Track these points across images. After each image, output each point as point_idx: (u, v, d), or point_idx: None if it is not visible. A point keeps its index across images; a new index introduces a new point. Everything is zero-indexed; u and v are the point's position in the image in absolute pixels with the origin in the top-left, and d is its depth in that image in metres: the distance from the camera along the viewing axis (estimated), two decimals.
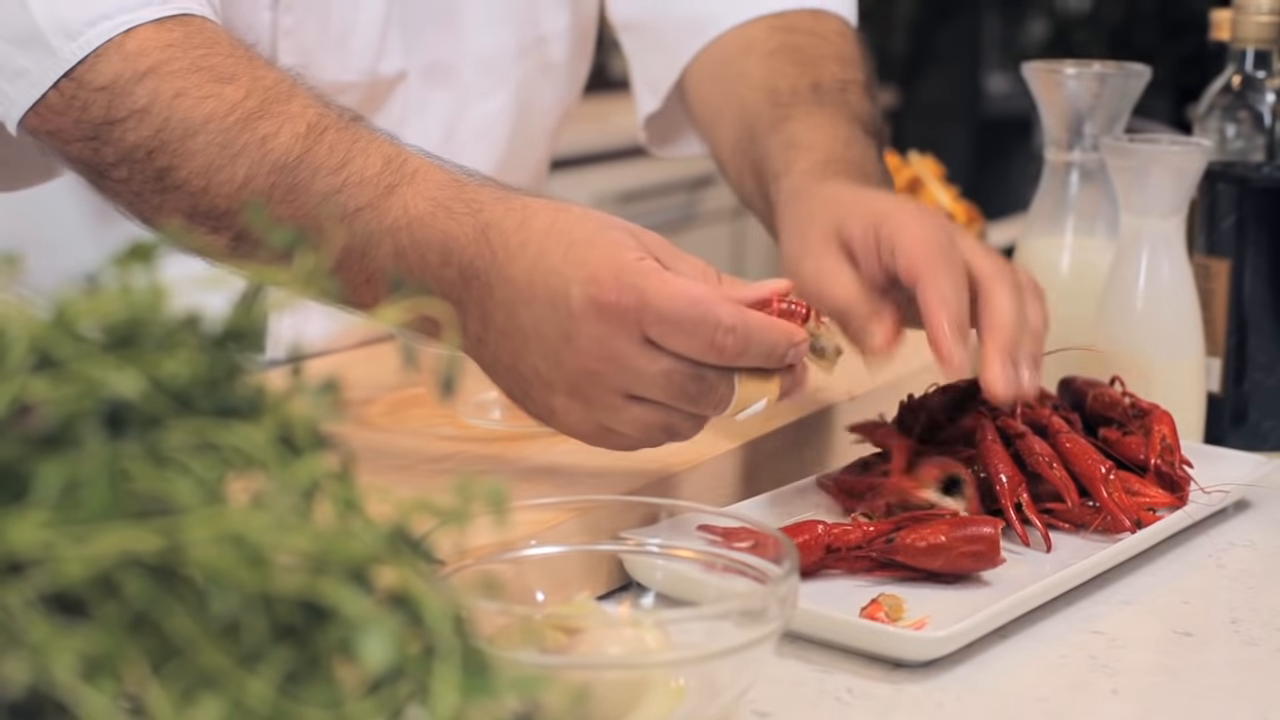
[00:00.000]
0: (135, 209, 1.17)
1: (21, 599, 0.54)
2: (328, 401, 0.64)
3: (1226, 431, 1.42)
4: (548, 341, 1.06)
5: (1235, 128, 1.53)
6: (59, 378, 0.58)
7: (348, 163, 1.11)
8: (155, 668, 0.56)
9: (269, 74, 1.16)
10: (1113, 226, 1.45)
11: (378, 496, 0.63)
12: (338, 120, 1.14)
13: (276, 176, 1.11)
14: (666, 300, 1.03)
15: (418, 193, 1.10)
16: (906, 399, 1.30)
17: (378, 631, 0.57)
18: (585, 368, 1.06)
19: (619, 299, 1.03)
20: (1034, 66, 1.48)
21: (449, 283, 1.09)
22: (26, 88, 1.16)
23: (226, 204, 1.13)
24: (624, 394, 1.07)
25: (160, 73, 1.13)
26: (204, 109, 1.13)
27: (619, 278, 1.03)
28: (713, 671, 0.89)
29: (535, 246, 1.06)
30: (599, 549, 1.06)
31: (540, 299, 1.06)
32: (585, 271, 1.04)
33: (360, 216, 1.10)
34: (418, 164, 1.12)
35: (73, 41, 1.14)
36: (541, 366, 1.08)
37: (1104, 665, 1.03)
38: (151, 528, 0.55)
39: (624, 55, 1.65)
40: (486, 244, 1.08)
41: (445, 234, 1.09)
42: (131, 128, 1.13)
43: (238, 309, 0.64)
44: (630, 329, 1.04)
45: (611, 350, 1.05)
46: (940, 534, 1.08)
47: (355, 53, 1.48)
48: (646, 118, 1.63)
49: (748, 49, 1.49)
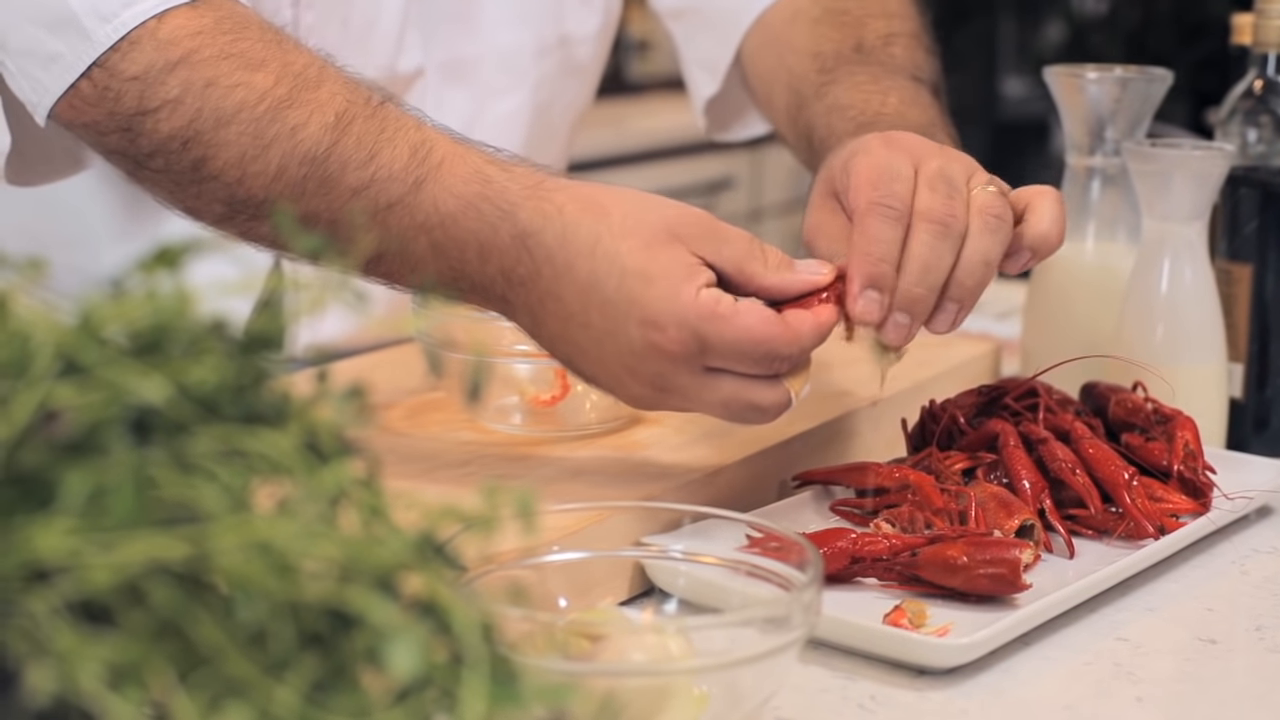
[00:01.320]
0: (176, 198, 1.17)
1: (48, 607, 0.54)
2: (353, 407, 0.63)
3: (1249, 437, 1.41)
4: (607, 365, 1.08)
5: (1257, 132, 1.53)
6: (85, 384, 0.58)
7: (375, 155, 1.11)
8: (181, 676, 0.55)
9: (299, 58, 1.15)
10: (1134, 231, 1.44)
11: (404, 503, 0.63)
12: (365, 107, 1.13)
13: (309, 168, 1.11)
14: (729, 344, 1.05)
15: (445, 189, 1.09)
16: (928, 404, 1.29)
17: (405, 640, 0.57)
18: (646, 392, 1.09)
19: (682, 347, 1.05)
20: (1055, 71, 1.48)
21: (491, 279, 1.09)
22: (60, 73, 1.16)
23: (264, 194, 1.12)
24: (682, 408, 1.10)
25: (191, 62, 1.13)
26: (235, 98, 1.12)
27: (680, 324, 1.04)
28: (736, 679, 0.88)
29: (585, 271, 1.06)
30: (622, 555, 1.06)
31: (596, 327, 1.07)
32: (643, 313, 1.05)
33: (393, 213, 1.10)
34: (444, 152, 1.11)
35: (107, 24, 1.14)
36: (602, 376, 1.10)
37: (1129, 672, 1.03)
38: (178, 535, 0.55)
39: (674, 44, 1.65)
40: (527, 253, 1.08)
41: (478, 236, 1.08)
42: (165, 118, 1.13)
43: (261, 314, 0.64)
44: (691, 367, 1.06)
45: (672, 383, 1.07)
46: (961, 554, 1.07)
47: (375, 49, 1.48)
48: (706, 102, 1.63)
49: (794, 17, 1.49)
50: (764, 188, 4.15)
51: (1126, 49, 4.46)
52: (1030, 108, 4.68)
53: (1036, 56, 4.83)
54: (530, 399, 1.27)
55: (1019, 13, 5.05)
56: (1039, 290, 1.50)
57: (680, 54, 1.65)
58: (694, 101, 1.65)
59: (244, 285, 0.65)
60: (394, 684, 0.58)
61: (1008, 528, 1.13)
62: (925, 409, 1.29)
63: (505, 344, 1.24)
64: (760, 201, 4.15)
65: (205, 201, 1.15)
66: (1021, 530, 1.13)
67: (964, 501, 1.15)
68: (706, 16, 1.59)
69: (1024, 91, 4.91)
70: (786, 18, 1.50)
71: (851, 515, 1.20)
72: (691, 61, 1.63)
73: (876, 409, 1.34)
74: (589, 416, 1.27)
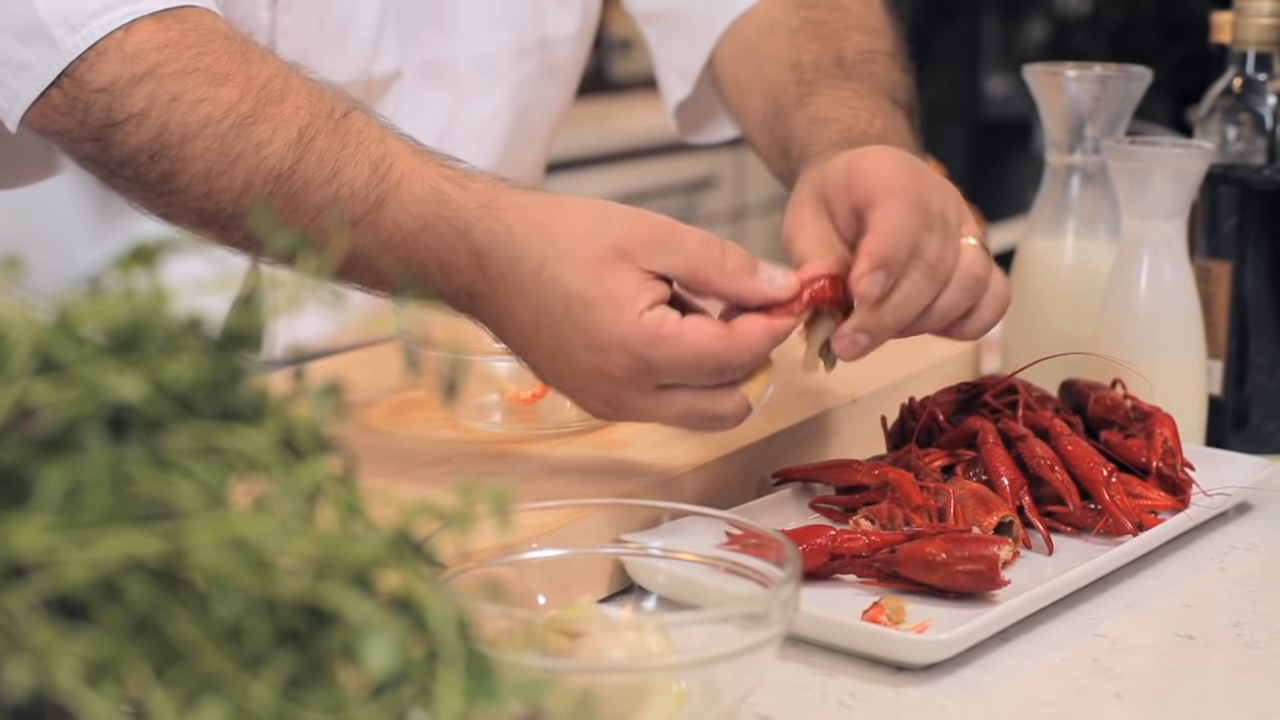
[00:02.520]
0: (149, 206, 1.18)
1: (24, 603, 0.54)
2: (330, 405, 0.63)
3: (1228, 434, 1.42)
4: (563, 379, 1.10)
5: (1236, 130, 1.53)
6: (61, 381, 0.58)
7: (338, 172, 1.11)
8: (158, 672, 0.55)
9: (264, 69, 1.15)
10: (1114, 229, 1.45)
11: (380, 500, 0.63)
12: (328, 121, 1.13)
13: (274, 185, 1.12)
14: (677, 363, 1.05)
15: (404, 209, 1.10)
16: (908, 401, 1.30)
17: (381, 636, 0.57)
18: (603, 409, 1.11)
19: (627, 371, 1.06)
20: (1035, 69, 1.48)
21: (455, 293, 1.11)
22: (30, 81, 1.16)
23: (231, 208, 1.13)
24: (647, 420, 1.11)
25: (156, 75, 1.13)
26: (199, 113, 1.13)
27: (624, 349, 1.05)
28: (715, 675, 0.89)
29: (533, 293, 1.07)
30: (601, 552, 1.06)
31: (548, 346, 1.08)
32: (587, 339, 1.06)
33: (358, 229, 1.11)
34: (403, 169, 1.11)
35: (75, 33, 1.14)
36: (565, 388, 1.11)
37: (1107, 668, 1.03)
38: (154, 532, 0.55)
39: (648, 46, 1.65)
40: (482, 272, 1.09)
41: (438, 255, 1.10)
42: (132, 131, 1.13)
43: (239, 312, 0.64)
44: (641, 387, 1.07)
45: (624, 403, 1.08)
46: (940, 550, 1.08)
47: (352, 52, 1.48)
48: (677, 105, 1.63)
49: (771, 28, 1.48)
50: (747, 187, 4.15)
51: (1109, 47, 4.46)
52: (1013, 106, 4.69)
53: (1019, 55, 4.83)
54: (510, 397, 1.27)
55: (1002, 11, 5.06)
56: (1019, 288, 1.50)
57: (653, 57, 1.65)
58: (666, 104, 1.65)
59: (220, 283, 0.65)
60: (370, 680, 0.58)
61: (986, 525, 1.13)
62: (905, 406, 1.30)
63: (484, 342, 1.24)
64: (743, 200, 4.16)
65: (177, 211, 1.16)
66: (1000, 527, 1.14)
67: (943, 498, 1.15)
68: (679, 21, 1.59)
69: (1006, 90, 4.91)
70: (762, 27, 1.49)
71: (831, 512, 1.20)
72: (664, 65, 1.63)
73: (856, 406, 1.34)
74: (569, 414, 1.27)
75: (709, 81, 1.59)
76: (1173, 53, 4.09)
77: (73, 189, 1.49)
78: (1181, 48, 4.14)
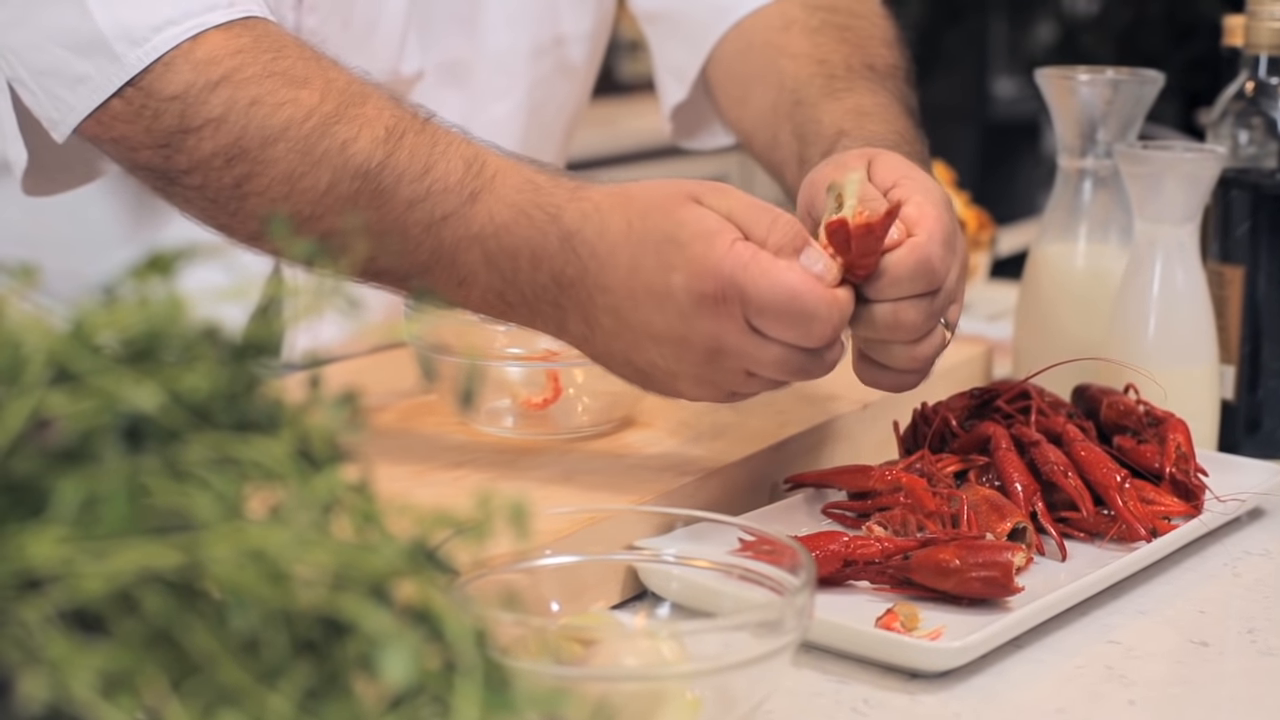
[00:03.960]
0: (209, 214, 1.18)
1: (40, 615, 0.54)
2: (346, 414, 0.63)
3: (1240, 439, 1.42)
4: (663, 340, 1.09)
5: (1248, 134, 1.53)
6: (77, 391, 0.58)
7: (430, 169, 1.12)
8: (175, 684, 0.55)
9: (340, 75, 1.16)
10: (1126, 233, 1.44)
11: (397, 509, 0.63)
12: (414, 122, 1.14)
13: (360, 183, 1.12)
14: (766, 294, 1.05)
15: (499, 199, 1.11)
16: (921, 407, 1.29)
17: (398, 647, 0.57)
18: (705, 359, 1.09)
19: (722, 292, 1.05)
20: (1046, 73, 1.48)
21: (543, 286, 1.11)
22: (87, 94, 1.16)
23: (310, 210, 1.13)
24: (745, 373, 1.09)
25: (233, 81, 1.13)
26: (281, 115, 1.13)
27: (717, 274, 1.05)
28: (729, 683, 0.88)
29: (625, 256, 1.08)
30: (614, 559, 1.06)
31: (646, 304, 1.08)
32: (684, 270, 1.06)
33: (448, 224, 1.11)
34: (496, 166, 1.13)
35: (138, 48, 1.14)
36: (661, 361, 1.10)
37: (1121, 675, 1.03)
38: (171, 543, 0.55)
39: (648, 47, 1.65)
40: (574, 253, 1.09)
41: (530, 243, 1.10)
42: (208, 136, 1.13)
43: (257, 320, 0.64)
44: (737, 320, 1.06)
45: (725, 343, 1.07)
46: (954, 557, 1.07)
47: (377, 53, 1.48)
48: (673, 108, 1.63)
49: (788, 25, 1.48)
50: (755, 187, 4.14)
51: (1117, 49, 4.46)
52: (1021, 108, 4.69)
53: (1027, 57, 4.84)
54: (522, 402, 1.27)
55: (1010, 13, 5.05)
56: (1030, 292, 1.50)
57: (652, 59, 1.65)
58: (662, 107, 1.65)
59: (237, 291, 0.65)
60: (387, 692, 0.58)
61: (1000, 530, 1.13)
62: (917, 411, 1.29)
63: (497, 347, 1.24)
64: None
65: (241, 219, 1.16)
66: (1014, 533, 1.13)
67: (956, 504, 1.15)
68: (678, 23, 1.58)
69: (1015, 92, 4.91)
70: (777, 26, 1.49)
71: (844, 518, 1.19)
72: (662, 67, 1.63)
73: (868, 411, 1.34)
74: (581, 419, 1.27)
75: (705, 87, 1.59)
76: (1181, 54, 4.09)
77: (95, 192, 1.49)
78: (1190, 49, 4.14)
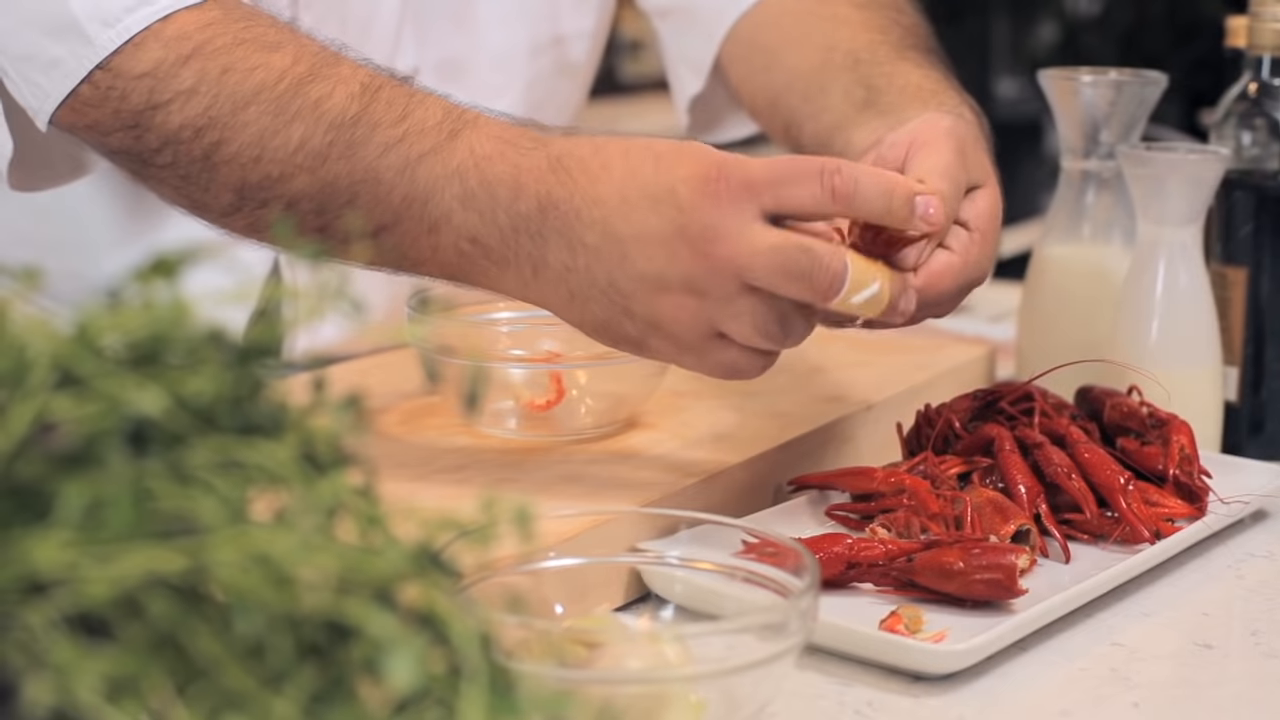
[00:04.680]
0: (182, 193, 1.17)
1: (45, 619, 0.54)
2: (350, 416, 0.63)
3: (1244, 441, 1.41)
4: (657, 242, 1.05)
5: (1251, 135, 1.52)
6: (82, 395, 0.57)
7: (408, 115, 1.11)
8: (180, 689, 0.55)
9: (313, 41, 1.15)
10: (1129, 235, 1.44)
11: (401, 513, 0.62)
12: (390, 79, 1.14)
13: (334, 134, 1.11)
14: (771, 169, 1.05)
15: (482, 134, 1.10)
16: (924, 408, 1.29)
17: (403, 651, 0.57)
18: (702, 254, 1.05)
19: (727, 182, 1.04)
20: (1049, 74, 1.48)
21: (523, 217, 1.08)
22: (61, 78, 1.15)
23: (280, 169, 1.11)
24: (741, 283, 1.05)
25: (204, 52, 1.13)
26: (254, 79, 1.12)
27: (721, 168, 1.05)
28: (733, 685, 0.88)
29: (620, 166, 1.07)
30: (617, 561, 1.06)
31: (640, 207, 1.06)
32: (685, 170, 1.05)
33: (424, 163, 1.09)
34: (478, 113, 1.12)
35: (110, 29, 1.14)
36: (651, 269, 1.06)
37: (1125, 678, 1.03)
38: (176, 548, 0.55)
39: (659, 42, 1.65)
40: (564, 171, 1.08)
41: (515, 168, 1.08)
42: (176, 110, 1.12)
43: (258, 323, 0.64)
44: (742, 206, 1.04)
45: (727, 230, 1.04)
46: (958, 559, 1.07)
47: (372, 49, 1.48)
48: (690, 101, 1.63)
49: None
50: None
51: (1119, 50, 4.45)
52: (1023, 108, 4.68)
53: (1029, 57, 4.83)
54: (525, 403, 1.27)
55: (1012, 13, 5.05)
56: (1033, 293, 1.49)
57: (665, 52, 1.65)
58: (677, 101, 1.65)
59: (241, 294, 0.65)
60: (392, 696, 0.58)
61: (1003, 533, 1.12)
62: (921, 413, 1.29)
63: (500, 348, 1.23)
64: None
65: (214, 192, 1.14)
66: (1017, 535, 1.13)
67: (960, 506, 1.15)
68: (692, 14, 1.58)
69: (1017, 92, 4.90)
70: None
71: (847, 520, 1.19)
72: (677, 60, 1.63)
73: (871, 413, 1.33)
74: (584, 421, 1.27)
75: (719, 68, 1.59)
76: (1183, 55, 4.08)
77: (96, 192, 1.49)
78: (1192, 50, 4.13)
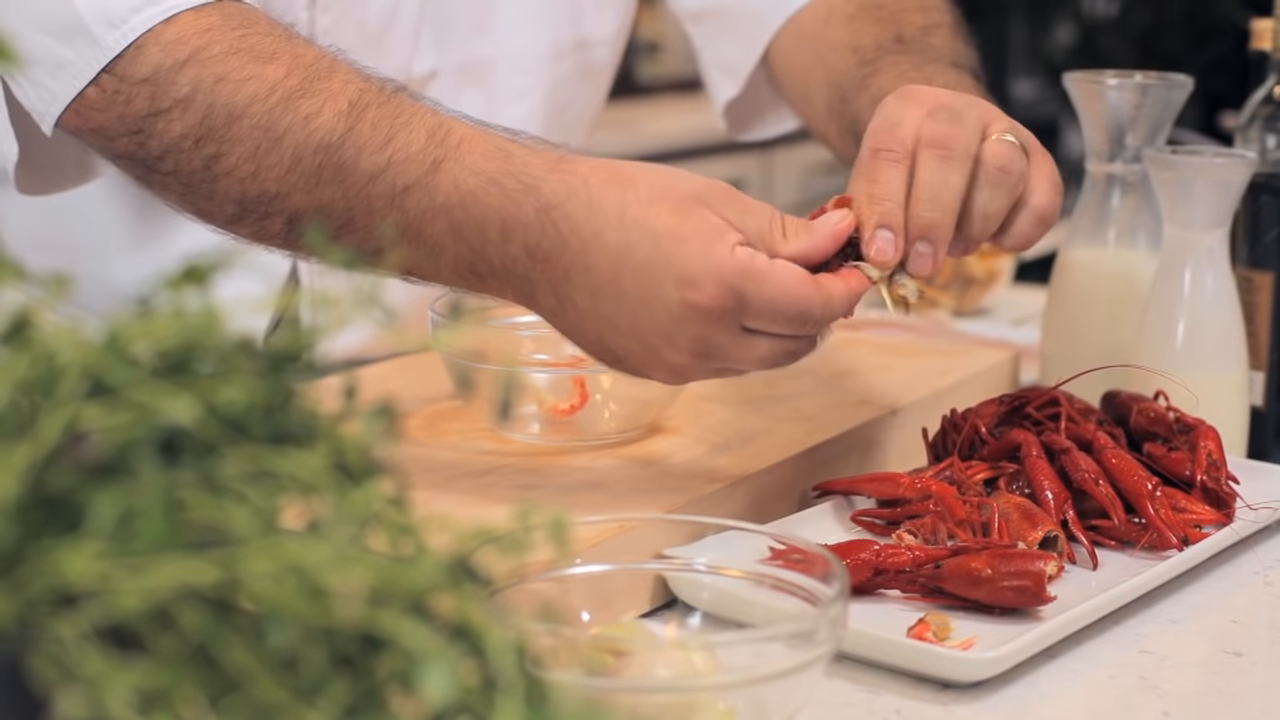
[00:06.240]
0: (186, 200, 1.16)
1: (77, 632, 0.53)
2: (382, 425, 0.63)
3: (1270, 446, 1.41)
4: (642, 336, 1.06)
5: (1276, 138, 1.52)
6: (113, 405, 0.57)
7: (391, 139, 1.09)
8: (212, 701, 0.55)
9: (309, 51, 1.14)
10: (1155, 239, 1.44)
11: (435, 524, 0.62)
12: (379, 95, 1.12)
13: (323, 156, 1.10)
14: (767, 302, 1.04)
15: (465, 167, 1.08)
16: (950, 413, 1.29)
17: (438, 663, 0.56)
18: (685, 360, 1.07)
19: (721, 304, 1.03)
20: (1074, 77, 1.47)
21: (513, 258, 1.07)
22: (68, 80, 1.15)
23: (276, 187, 1.11)
24: (721, 371, 1.09)
25: (200, 59, 1.12)
26: (246, 91, 1.11)
27: (719, 279, 1.03)
28: (762, 694, 0.88)
29: (615, 239, 1.05)
30: (644, 567, 1.05)
31: (630, 295, 1.05)
32: (680, 273, 1.03)
33: (410, 195, 1.08)
34: (462, 134, 1.10)
35: (116, 29, 1.13)
36: (636, 350, 1.07)
37: (1154, 686, 1.02)
38: (208, 559, 0.54)
39: (693, 45, 1.65)
40: (553, 226, 1.06)
41: (501, 212, 1.07)
42: (176, 118, 1.12)
43: (287, 331, 0.63)
44: (730, 326, 1.05)
45: (711, 346, 1.06)
46: (985, 566, 1.06)
47: (390, 51, 1.48)
48: (726, 104, 1.63)
49: (828, 17, 1.49)
50: (774, 189, 4.14)
51: (1137, 51, 4.45)
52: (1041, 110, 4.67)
53: (1047, 58, 4.82)
54: (548, 408, 1.26)
55: (1029, 14, 5.04)
56: (1058, 297, 1.49)
57: (700, 56, 1.65)
58: (715, 103, 1.65)
59: (271, 302, 0.64)
60: (427, 708, 0.57)
61: (1031, 539, 1.12)
62: (946, 418, 1.29)
63: (524, 353, 1.23)
64: (771, 203, 4.14)
65: (217, 202, 1.14)
66: (1045, 542, 1.13)
67: (987, 512, 1.14)
68: (730, 19, 1.58)
69: (1034, 93, 4.89)
70: (821, 17, 1.49)
71: (873, 526, 1.19)
72: (712, 64, 1.63)
73: (896, 418, 1.33)
74: (607, 426, 1.27)
75: (760, 79, 1.59)
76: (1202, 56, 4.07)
77: (109, 195, 1.49)
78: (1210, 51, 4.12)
